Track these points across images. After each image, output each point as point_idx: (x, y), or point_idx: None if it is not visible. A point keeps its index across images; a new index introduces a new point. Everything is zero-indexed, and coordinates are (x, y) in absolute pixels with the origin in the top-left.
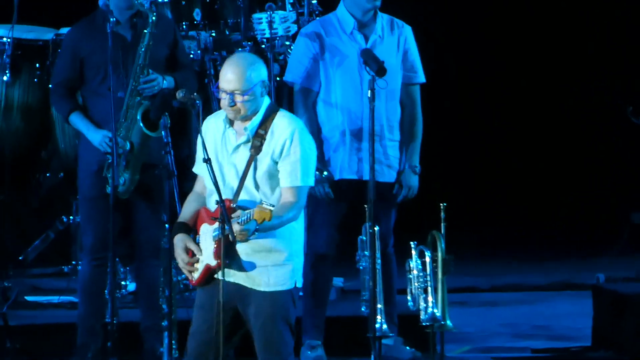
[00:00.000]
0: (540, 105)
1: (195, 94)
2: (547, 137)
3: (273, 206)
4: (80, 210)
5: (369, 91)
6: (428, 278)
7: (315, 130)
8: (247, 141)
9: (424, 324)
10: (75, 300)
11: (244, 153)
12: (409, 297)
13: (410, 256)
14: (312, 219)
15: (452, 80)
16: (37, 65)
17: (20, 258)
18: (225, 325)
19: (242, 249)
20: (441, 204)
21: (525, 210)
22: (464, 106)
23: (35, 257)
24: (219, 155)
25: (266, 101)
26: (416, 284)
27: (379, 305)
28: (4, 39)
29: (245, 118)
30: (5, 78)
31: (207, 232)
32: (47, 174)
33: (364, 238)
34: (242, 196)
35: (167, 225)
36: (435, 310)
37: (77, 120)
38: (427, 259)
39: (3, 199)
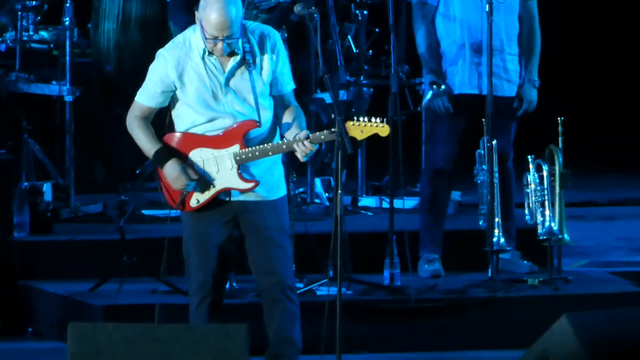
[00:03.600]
0: None
1: (313, 7)
2: None
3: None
4: None
5: (487, 5)
6: (546, 192)
7: (434, 43)
8: (242, 62)
9: (541, 237)
10: None
11: (243, 73)
12: (526, 211)
13: (528, 170)
14: (430, 133)
15: None
16: None
17: (137, 172)
18: (225, 242)
19: (262, 161)
20: (559, 118)
21: None
22: (582, 19)
23: (152, 170)
24: (206, 85)
25: None
26: (534, 198)
27: (496, 219)
28: None
29: None
30: None
31: (213, 156)
32: None
33: (482, 152)
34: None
35: None
36: (553, 224)
37: None
38: (545, 173)
39: (121, 113)
